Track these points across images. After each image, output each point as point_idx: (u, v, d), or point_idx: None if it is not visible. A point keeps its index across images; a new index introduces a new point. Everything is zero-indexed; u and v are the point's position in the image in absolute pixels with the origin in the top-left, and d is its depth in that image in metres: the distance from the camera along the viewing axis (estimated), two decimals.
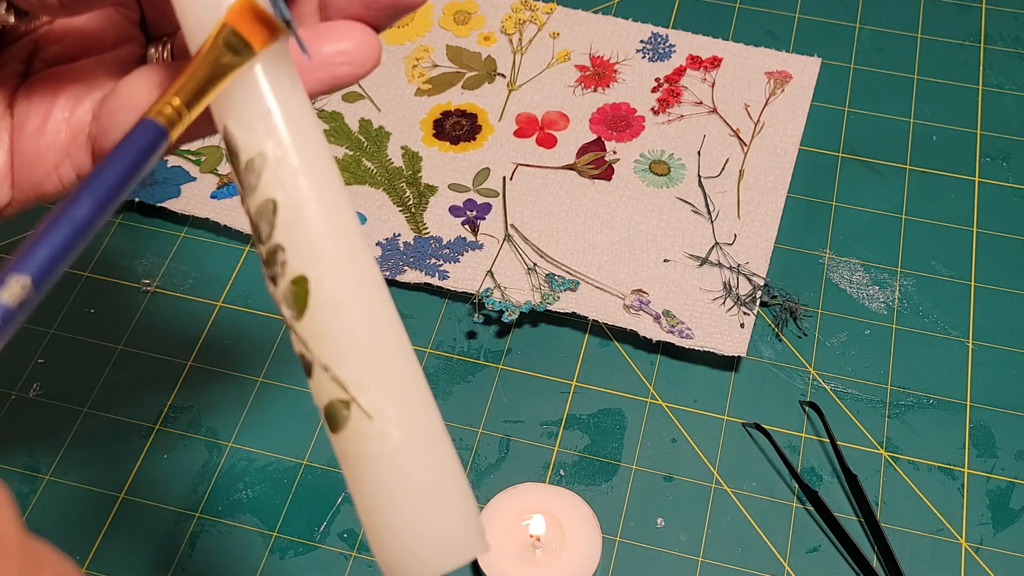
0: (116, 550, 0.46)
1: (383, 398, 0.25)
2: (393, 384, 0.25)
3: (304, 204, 0.26)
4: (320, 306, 0.25)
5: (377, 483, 0.25)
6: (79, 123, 0.29)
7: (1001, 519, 0.46)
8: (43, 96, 0.29)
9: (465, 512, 0.26)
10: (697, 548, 0.46)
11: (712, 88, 0.60)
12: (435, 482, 0.26)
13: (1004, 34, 0.64)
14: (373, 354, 0.25)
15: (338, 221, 0.26)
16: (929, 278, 0.54)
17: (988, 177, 0.58)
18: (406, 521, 0.25)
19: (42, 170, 0.29)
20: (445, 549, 0.26)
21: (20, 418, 0.49)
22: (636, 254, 0.54)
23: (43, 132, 0.29)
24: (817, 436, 0.49)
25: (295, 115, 0.26)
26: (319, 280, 0.25)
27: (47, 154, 0.29)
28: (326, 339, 0.25)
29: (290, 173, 0.26)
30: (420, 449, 0.25)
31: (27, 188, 0.30)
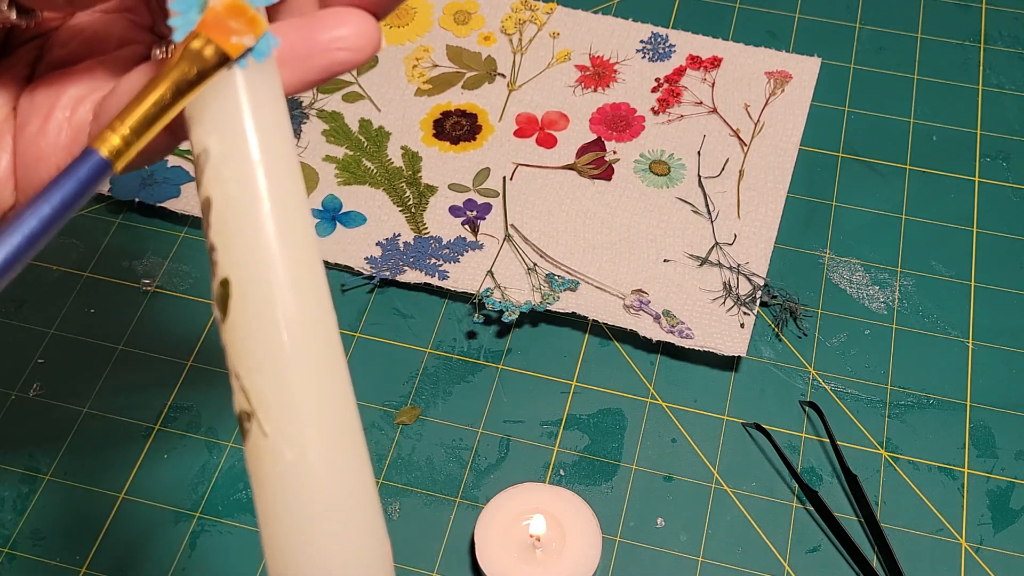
0: (116, 550, 0.46)
1: (283, 418, 0.24)
2: (298, 406, 0.24)
3: (234, 207, 0.25)
4: (238, 313, 0.25)
5: (268, 502, 0.25)
6: (80, 123, 0.29)
7: (1001, 519, 0.46)
8: (45, 96, 0.29)
9: (368, 549, 0.25)
10: (697, 548, 0.46)
11: (712, 88, 0.60)
12: (333, 512, 0.24)
13: (1004, 34, 0.64)
14: (284, 373, 0.24)
15: (273, 230, 0.25)
16: (929, 278, 0.54)
17: (988, 177, 0.58)
18: (294, 546, 0.24)
19: (44, 171, 0.29)
20: None
21: (20, 418, 0.49)
22: (636, 254, 0.54)
23: (45, 132, 0.29)
24: (817, 436, 0.49)
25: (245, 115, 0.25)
26: (240, 287, 0.24)
27: (49, 154, 0.29)
28: (240, 348, 0.25)
29: (226, 174, 0.25)
30: (317, 475, 0.24)
31: (30, 189, 0.29)
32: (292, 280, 0.25)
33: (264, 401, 0.24)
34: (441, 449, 0.48)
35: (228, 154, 0.25)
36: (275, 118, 0.26)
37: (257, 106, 0.25)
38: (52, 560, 0.45)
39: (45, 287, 0.54)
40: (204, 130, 0.25)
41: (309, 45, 0.27)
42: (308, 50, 0.27)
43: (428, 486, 0.47)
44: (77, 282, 0.54)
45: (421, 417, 0.49)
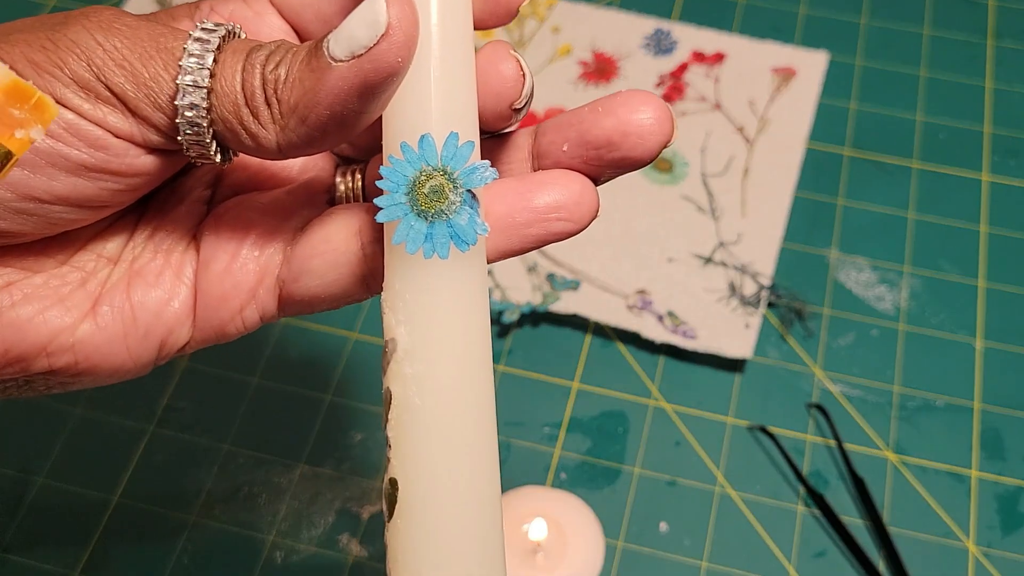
0: (112, 553, 0.45)
1: None
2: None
3: (413, 412, 0.23)
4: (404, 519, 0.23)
5: None
6: (268, 264, 0.27)
7: (1010, 523, 0.46)
8: (231, 233, 0.27)
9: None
10: (701, 553, 0.45)
11: (716, 84, 0.59)
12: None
13: (1013, 30, 0.63)
14: None
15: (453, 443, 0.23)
16: (937, 278, 0.53)
17: (997, 175, 0.57)
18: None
19: (226, 312, 0.27)
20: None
21: (13, 420, 0.49)
22: (639, 253, 0.53)
23: (230, 272, 0.27)
24: (823, 439, 0.48)
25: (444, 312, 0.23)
26: (410, 493, 0.23)
27: (233, 296, 0.27)
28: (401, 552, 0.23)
29: (410, 372, 0.23)
30: None
31: (208, 328, 0.27)
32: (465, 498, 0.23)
33: None
34: None
35: (415, 352, 0.23)
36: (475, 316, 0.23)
37: (456, 303, 0.23)
38: (46, 564, 0.45)
39: None
40: (395, 319, 0.23)
41: (527, 215, 0.25)
42: (526, 219, 0.25)
43: None
44: None
45: None
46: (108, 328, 0.26)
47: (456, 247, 0.23)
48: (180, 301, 0.27)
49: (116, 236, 0.27)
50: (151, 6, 0.63)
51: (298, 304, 0.27)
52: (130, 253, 0.27)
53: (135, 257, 0.27)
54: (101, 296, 0.26)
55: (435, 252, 0.23)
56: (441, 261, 0.23)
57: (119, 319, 0.26)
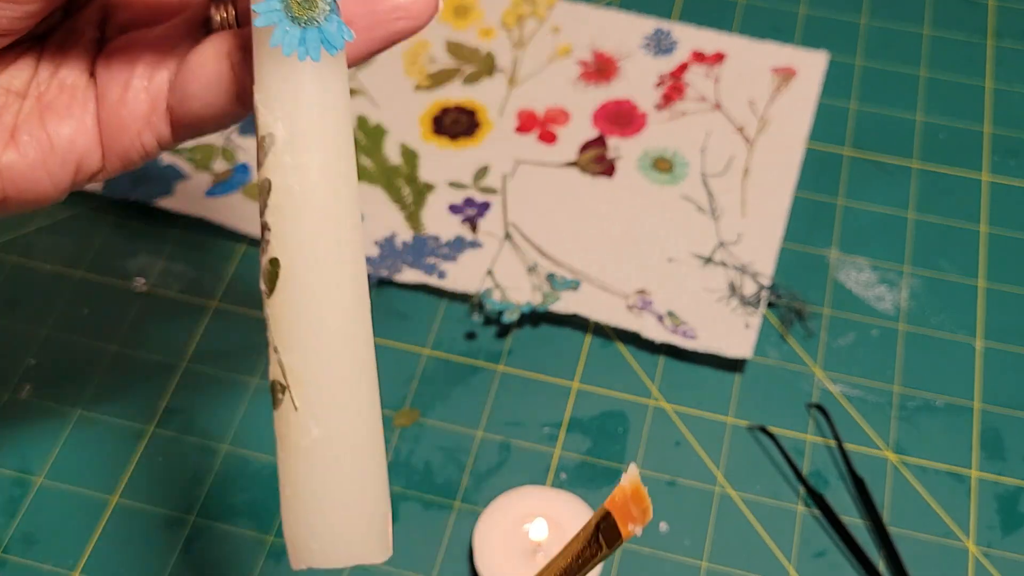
0: (109, 554, 0.45)
1: (314, 396, 0.27)
2: (329, 387, 0.27)
3: (293, 194, 0.26)
4: (284, 293, 0.27)
5: (292, 469, 0.27)
6: (157, 92, 0.31)
7: (1010, 523, 0.46)
8: (121, 65, 0.31)
9: (373, 519, 0.27)
10: (701, 553, 0.45)
11: (716, 84, 0.59)
12: (347, 484, 0.27)
13: (1013, 30, 0.63)
14: (320, 353, 0.27)
15: (326, 220, 0.26)
16: (937, 278, 0.53)
17: (997, 175, 0.57)
18: (312, 512, 0.27)
19: (126, 138, 0.31)
20: (344, 547, 0.27)
21: (12, 420, 0.49)
22: (639, 253, 0.53)
23: (124, 101, 0.31)
24: (823, 439, 0.48)
25: (316, 107, 0.26)
26: (289, 269, 0.26)
27: (130, 123, 0.31)
28: (282, 324, 0.27)
29: (289, 161, 0.26)
30: (337, 451, 0.27)
31: (113, 155, 0.31)
32: (337, 270, 0.27)
33: (299, 378, 0.27)
34: (440, 452, 0.48)
35: (292, 143, 0.26)
36: (340, 112, 0.27)
37: (325, 99, 0.26)
38: (44, 564, 0.45)
39: (37, 287, 0.53)
40: (273, 116, 0.27)
41: (370, 17, 0.28)
42: (369, 22, 0.28)
43: (426, 489, 0.47)
44: (70, 282, 0.53)
45: (419, 419, 0.49)
46: (29, 156, 0.30)
47: (326, 51, 0.26)
48: (88, 130, 0.31)
49: (20, 72, 0.31)
50: None
51: (187, 127, 0.31)
52: (36, 89, 0.31)
53: (41, 93, 0.31)
54: (17, 127, 0.30)
55: (308, 55, 0.26)
56: (313, 63, 0.26)
57: (38, 147, 0.30)
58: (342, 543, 0.27)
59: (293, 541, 0.28)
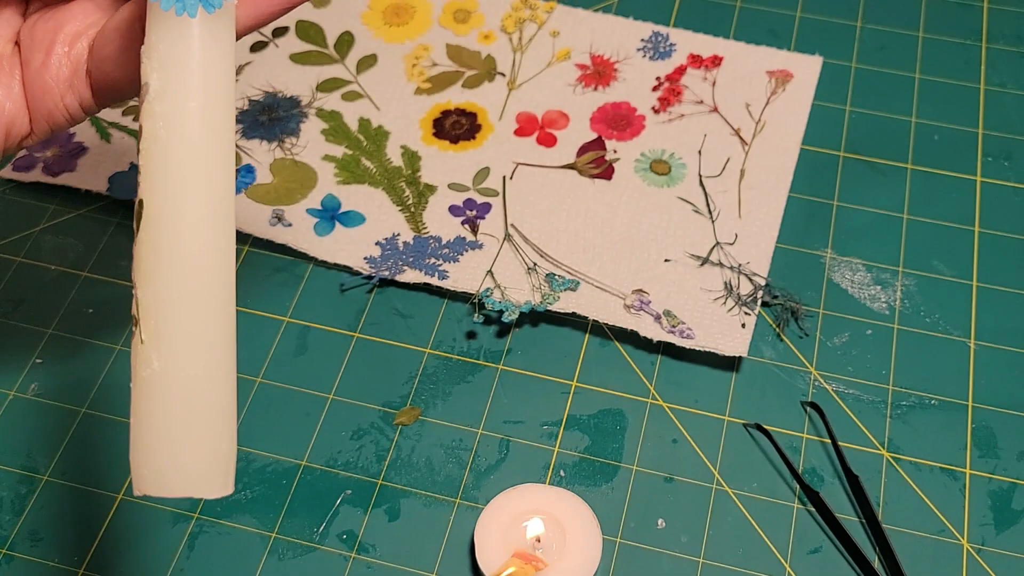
0: (114, 551, 0.46)
1: (158, 329, 0.28)
2: (173, 322, 0.28)
3: (159, 140, 0.28)
4: (145, 233, 0.29)
5: (136, 399, 0.29)
6: (78, 57, 0.33)
7: (1003, 520, 0.46)
8: (44, 32, 0.33)
9: (214, 455, 0.29)
10: (698, 549, 0.45)
11: (713, 87, 0.60)
12: (187, 418, 0.28)
13: (1006, 33, 0.64)
14: (167, 290, 0.28)
15: (188, 167, 0.28)
16: (931, 278, 0.53)
17: (990, 177, 0.57)
18: (152, 442, 0.29)
19: (51, 102, 0.33)
20: (182, 479, 0.29)
21: (18, 418, 0.49)
22: (637, 254, 0.53)
23: (47, 66, 0.33)
24: (818, 437, 0.49)
25: (189, 60, 0.28)
26: (150, 211, 0.28)
27: (53, 88, 0.33)
28: (140, 262, 0.29)
29: (158, 110, 0.28)
30: (177, 385, 0.28)
31: (40, 120, 0.33)
32: (194, 214, 0.28)
33: (147, 312, 0.28)
34: (441, 450, 0.48)
35: (164, 93, 0.28)
36: (217, 67, 0.29)
37: (201, 54, 0.28)
38: (50, 561, 0.45)
39: (43, 287, 0.54)
40: (151, 65, 0.29)
41: None
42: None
43: (427, 487, 0.47)
44: (75, 282, 0.54)
45: (420, 418, 0.49)
46: None
47: (204, 8, 0.28)
48: (16, 96, 0.33)
49: None
50: None
51: (106, 89, 0.33)
52: None
53: None
54: None
55: (185, 11, 0.28)
56: (190, 19, 0.28)
57: None
58: (180, 475, 0.29)
59: (135, 468, 0.29)
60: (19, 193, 0.57)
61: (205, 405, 0.29)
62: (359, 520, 0.46)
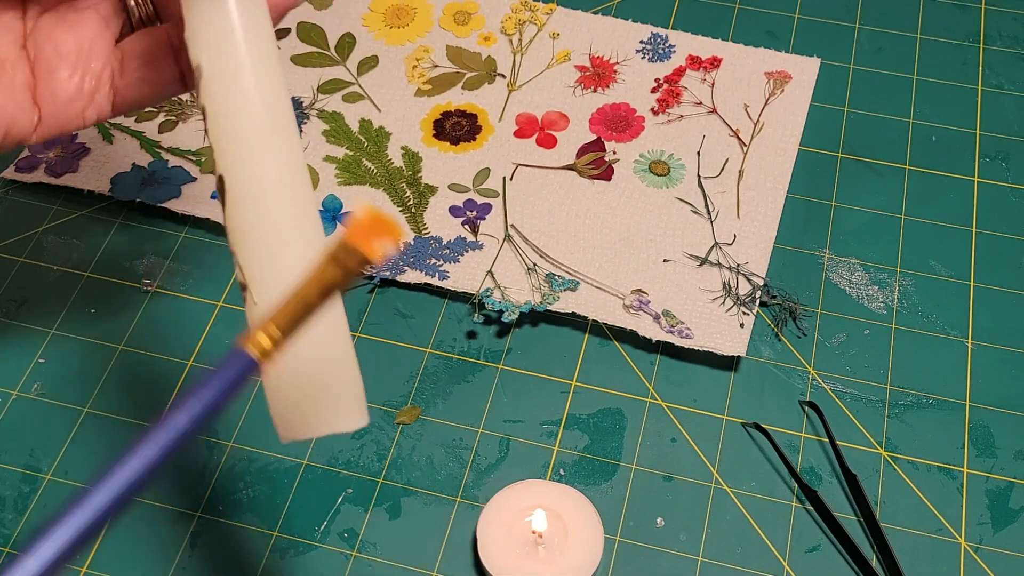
0: (116, 549, 0.46)
1: (270, 288, 0.29)
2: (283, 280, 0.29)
3: (222, 118, 0.29)
4: (232, 206, 0.30)
5: None
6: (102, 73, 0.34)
7: (1000, 519, 0.46)
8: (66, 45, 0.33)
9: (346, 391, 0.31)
10: (697, 548, 0.46)
11: (712, 88, 0.60)
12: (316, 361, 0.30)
13: (1003, 34, 0.64)
14: (270, 252, 0.29)
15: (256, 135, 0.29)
16: (928, 278, 0.54)
17: (987, 177, 0.58)
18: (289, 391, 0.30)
19: (72, 112, 0.34)
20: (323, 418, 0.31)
21: (21, 417, 0.50)
22: (636, 254, 0.54)
23: (73, 80, 0.34)
24: (816, 436, 0.49)
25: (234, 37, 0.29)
26: (232, 184, 0.29)
27: (77, 99, 0.34)
28: (235, 231, 0.30)
29: (214, 88, 0.29)
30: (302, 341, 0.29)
31: (54, 125, 0.34)
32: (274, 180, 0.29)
33: (252, 276, 0.30)
34: (441, 449, 0.49)
35: (217, 72, 0.29)
36: (260, 41, 0.30)
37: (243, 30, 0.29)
38: None
39: (46, 287, 0.54)
40: (198, 49, 0.30)
41: None
42: None
43: (428, 486, 0.47)
44: (78, 282, 0.54)
45: (421, 417, 0.49)
46: None
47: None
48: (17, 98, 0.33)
49: None
50: None
51: (129, 104, 0.34)
52: None
53: None
54: None
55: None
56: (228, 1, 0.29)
57: None
58: (318, 416, 0.30)
59: (277, 420, 0.31)
60: (22, 194, 0.57)
61: (327, 346, 0.30)
62: (360, 519, 0.47)
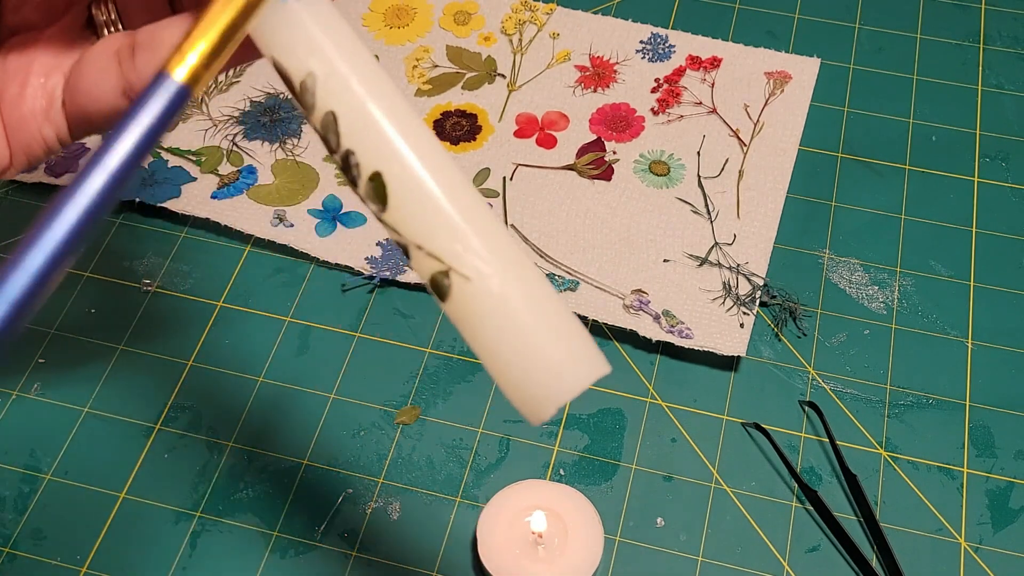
0: (117, 550, 0.46)
1: (475, 258, 0.28)
2: (480, 242, 0.28)
3: (360, 107, 0.28)
4: (398, 194, 0.28)
5: (493, 335, 0.28)
6: (53, 88, 0.32)
7: (1000, 519, 0.46)
8: (19, 64, 0.32)
9: (578, 337, 0.29)
10: (697, 548, 0.46)
11: (712, 88, 0.60)
12: (543, 318, 0.28)
13: (1003, 34, 0.64)
14: (457, 222, 0.28)
15: (394, 113, 0.28)
16: (928, 278, 0.54)
17: (987, 177, 0.58)
18: (529, 361, 0.28)
19: (28, 133, 0.32)
20: (571, 375, 0.28)
21: (21, 417, 0.50)
22: (636, 254, 0.54)
23: (24, 98, 0.32)
24: (816, 436, 0.49)
25: (330, 28, 0.28)
26: (391, 171, 0.28)
27: (30, 118, 0.32)
28: (412, 222, 0.28)
29: (340, 83, 0.28)
30: (521, 292, 0.28)
31: (19, 151, 0.33)
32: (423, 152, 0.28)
33: (455, 253, 0.28)
34: (441, 449, 0.49)
35: (331, 70, 0.28)
36: (343, 28, 0.29)
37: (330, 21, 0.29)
38: (53, 560, 0.46)
39: None
40: (299, 57, 0.28)
41: None
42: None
43: (428, 486, 0.47)
44: (77, 282, 0.54)
45: (421, 417, 0.49)
46: None
47: None
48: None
49: None
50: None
51: (81, 121, 0.32)
52: None
53: None
54: None
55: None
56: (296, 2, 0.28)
57: None
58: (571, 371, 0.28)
59: (524, 401, 0.28)
60: (22, 194, 0.57)
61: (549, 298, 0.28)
62: (360, 519, 0.47)
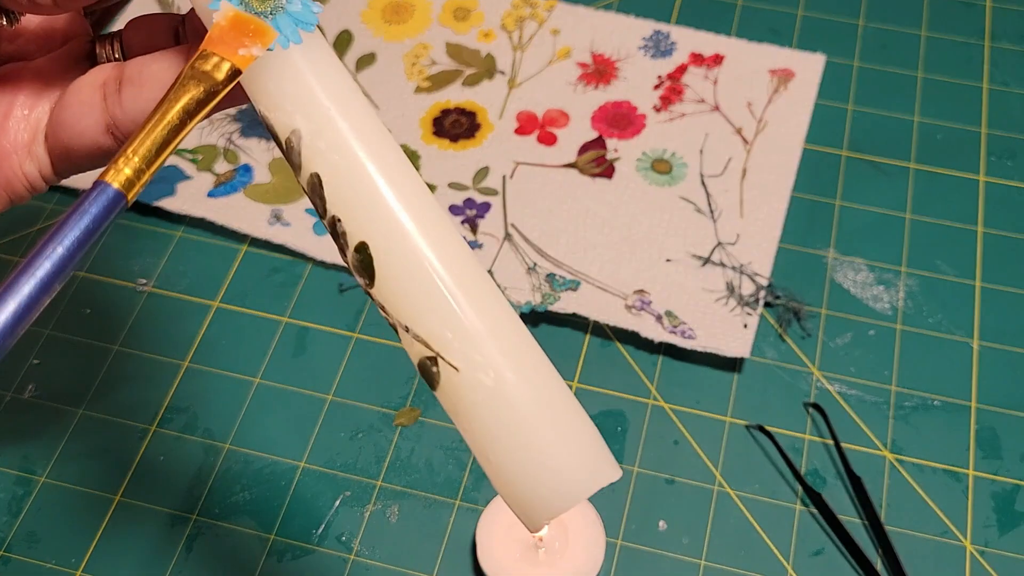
0: (112, 552, 0.45)
1: (467, 348, 0.25)
2: (475, 332, 0.25)
3: (348, 171, 0.25)
4: (386, 269, 0.25)
5: (483, 430, 0.25)
6: (38, 121, 0.30)
7: (1006, 521, 0.46)
8: (3, 95, 0.30)
9: (583, 438, 0.25)
10: (699, 551, 0.45)
11: (714, 86, 0.60)
12: (544, 417, 0.25)
13: (1009, 32, 0.63)
14: (448, 307, 0.25)
15: (388, 177, 0.25)
16: (934, 278, 0.53)
17: (993, 176, 0.57)
18: (523, 465, 0.25)
19: (9, 168, 0.30)
20: (571, 481, 0.25)
21: (15, 419, 0.49)
22: (638, 254, 0.53)
23: (5, 130, 0.30)
24: (821, 438, 0.48)
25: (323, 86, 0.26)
26: (379, 244, 0.25)
27: (11, 152, 0.30)
28: (399, 301, 0.25)
29: (327, 143, 0.25)
30: (520, 388, 0.25)
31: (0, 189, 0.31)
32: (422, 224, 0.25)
33: (444, 340, 0.25)
34: (440, 451, 0.48)
35: (318, 128, 0.25)
36: (342, 81, 0.26)
37: (323, 75, 0.26)
38: (47, 563, 0.45)
39: None
40: (286, 112, 0.25)
41: None
42: None
43: (427, 488, 0.47)
44: (72, 282, 0.54)
45: (420, 418, 0.49)
46: None
47: (303, 31, 0.26)
48: None
49: None
50: (154, 7, 0.63)
51: (63, 157, 0.30)
52: None
53: None
54: None
55: (290, 41, 0.25)
56: (297, 47, 0.25)
57: None
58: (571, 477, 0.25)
59: (521, 505, 0.25)
60: None
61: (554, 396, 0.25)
62: (359, 522, 0.46)
